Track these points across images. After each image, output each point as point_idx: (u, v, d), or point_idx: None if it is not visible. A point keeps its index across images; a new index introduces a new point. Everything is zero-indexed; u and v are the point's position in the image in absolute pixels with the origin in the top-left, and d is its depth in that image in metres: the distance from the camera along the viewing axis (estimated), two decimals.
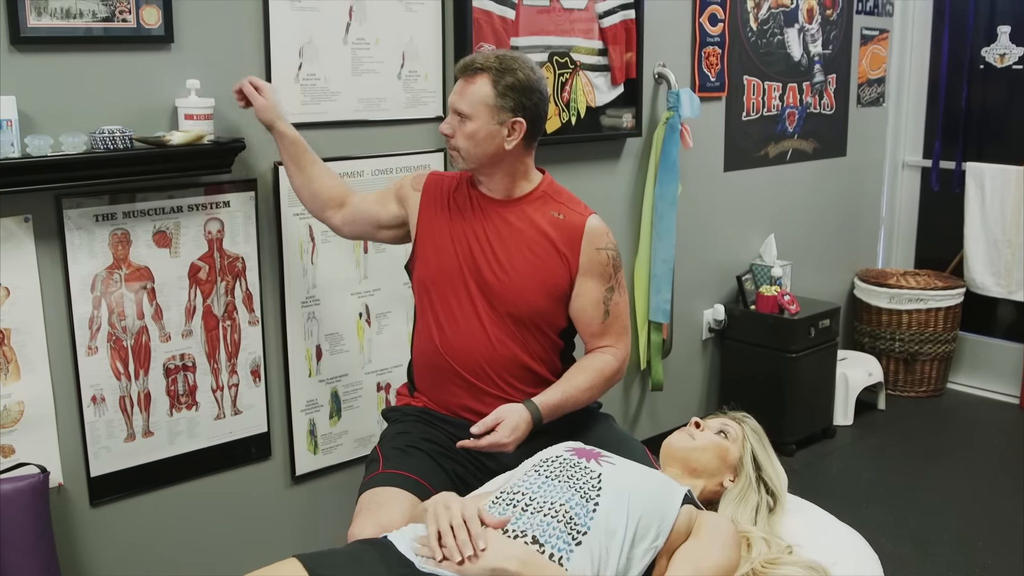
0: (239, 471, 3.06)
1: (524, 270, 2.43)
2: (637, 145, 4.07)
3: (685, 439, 2.16)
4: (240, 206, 2.91)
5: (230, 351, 2.96)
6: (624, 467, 1.98)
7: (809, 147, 4.95)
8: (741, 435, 2.21)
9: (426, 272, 2.49)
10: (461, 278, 2.45)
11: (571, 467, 1.94)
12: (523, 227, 2.45)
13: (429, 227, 2.51)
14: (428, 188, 2.56)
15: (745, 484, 2.14)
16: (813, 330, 4.46)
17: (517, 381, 2.47)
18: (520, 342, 2.45)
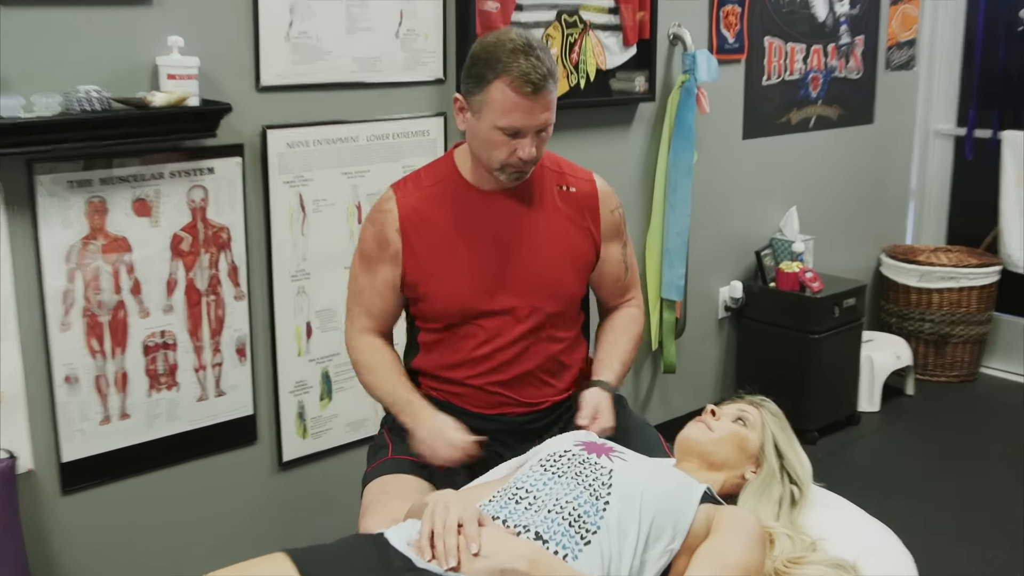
0: (222, 456, 3.06)
1: (556, 260, 2.39)
2: (650, 111, 4.05)
3: (702, 431, 2.15)
4: (225, 173, 2.90)
5: (214, 328, 2.96)
6: (637, 463, 1.97)
7: (834, 114, 4.93)
8: (760, 421, 2.19)
9: (446, 305, 2.38)
10: (489, 296, 2.37)
11: (580, 463, 1.93)
12: (539, 214, 2.40)
13: (432, 260, 2.36)
14: (406, 221, 2.36)
15: (767, 475, 2.13)
16: (837, 309, 4.46)
17: (551, 378, 2.47)
18: (554, 338, 2.45)
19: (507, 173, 2.28)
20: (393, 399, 2.39)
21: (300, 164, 3.05)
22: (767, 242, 4.69)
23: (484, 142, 2.25)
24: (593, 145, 3.88)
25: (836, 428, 4.61)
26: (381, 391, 2.42)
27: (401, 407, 2.37)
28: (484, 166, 2.29)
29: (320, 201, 3.08)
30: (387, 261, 2.38)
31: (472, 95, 2.23)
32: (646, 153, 4.09)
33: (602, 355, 2.50)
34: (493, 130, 2.21)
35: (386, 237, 2.37)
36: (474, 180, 2.37)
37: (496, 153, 2.25)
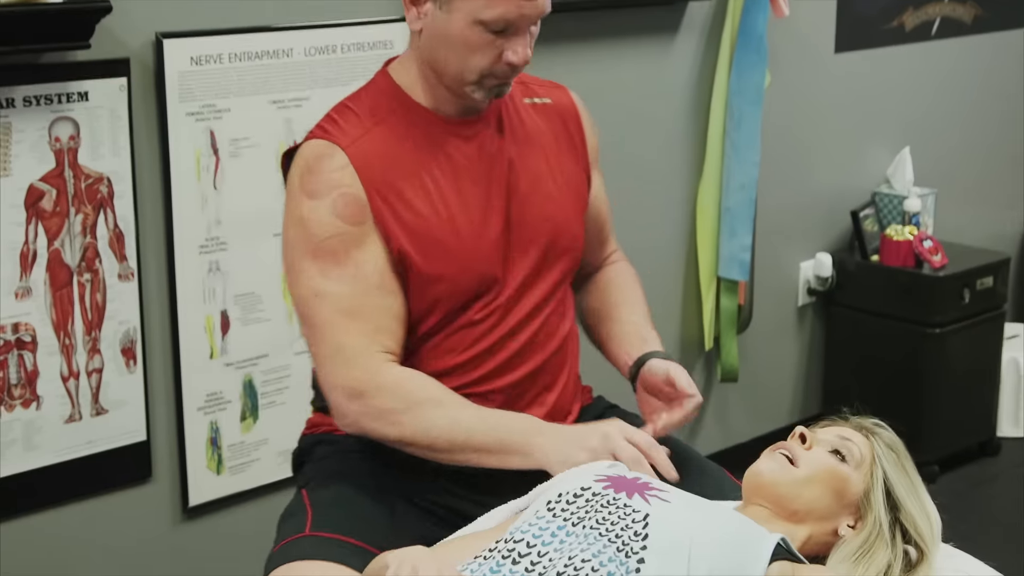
0: (103, 500, 3.08)
1: (560, 198, 2.45)
2: (704, 13, 4.07)
3: (781, 466, 2.13)
4: (104, 100, 2.91)
5: (90, 320, 2.98)
6: (682, 505, 1.97)
7: (968, 14, 4.94)
8: (869, 456, 2.18)
9: (462, 280, 2.36)
10: (503, 259, 2.39)
11: (604, 506, 1.93)
12: (523, 138, 2.44)
13: (423, 221, 2.34)
14: (370, 174, 2.30)
15: (872, 533, 2.11)
16: (968, 293, 4.49)
17: (566, 369, 2.52)
18: (565, 308, 2.51)
19: (486, 87, 2.27)
20: (499, 431, 2.25)
21: (210, 89, 3.06)
22: (868, 198, 4.72)
23: (457, 45, 2.23)
24: (622, 63, 3.90)
25: (966, 460, 4.64)
26: (478, 430, 2.25)
27: (522, 428, 2.27)
28: (453, 80, 2.28)
29: (239, 141, 3.10)
30: (372, 235, 2.29)
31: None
32: (697, 75, 4.11)
33: (626, 319, 2.56)
34: (472, 26, 2.20)
35: (359, 200, 2.28)
36: (431, 104, 2.35)
37: (475, 59, 2.23)
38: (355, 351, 2.25)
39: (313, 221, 2.26)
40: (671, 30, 4.01)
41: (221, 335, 3.18)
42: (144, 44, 2.96)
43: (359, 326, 2.26)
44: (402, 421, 2.24)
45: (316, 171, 2.28)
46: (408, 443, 2.26)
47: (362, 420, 2.26)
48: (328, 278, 2.26)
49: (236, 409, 3.24)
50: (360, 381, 2.24)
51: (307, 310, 2.29)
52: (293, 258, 2.30)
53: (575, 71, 3.75)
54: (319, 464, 2.43)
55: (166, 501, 3.19)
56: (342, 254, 2.25)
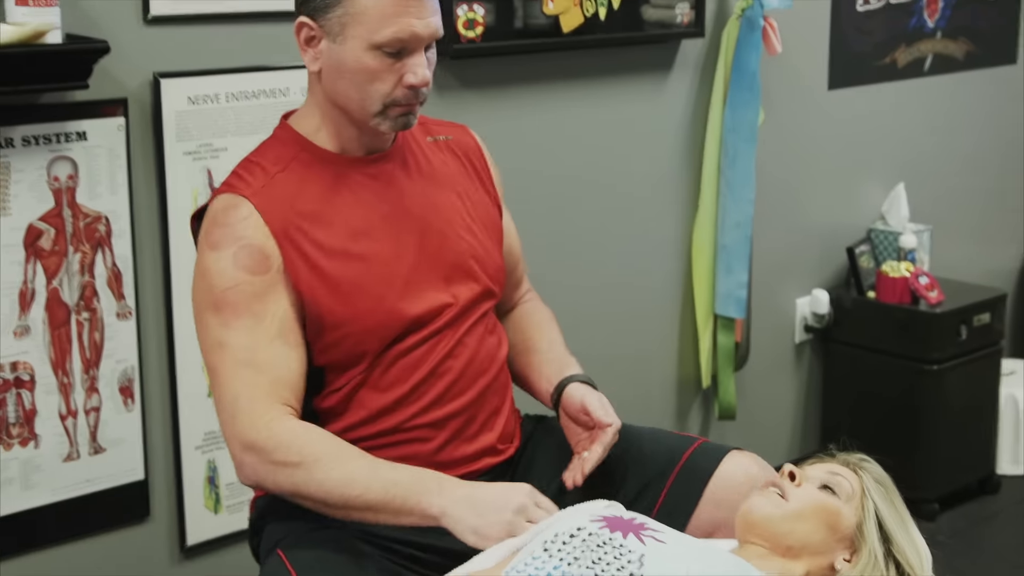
0: (100, 539, 3.09)
1: (473, 229, 2.49)
2: (698, 51, 4.11)
3: (773, 503, 2.15)
4: (102, 139, 2.94)
5: (88, 359, 3.00)
6: (679, 548, 1.98)
7: (960, 51, 4.98)
8: (859, 490, 2.21)
9: (374, 325, 2.35)
10: (416, 295, 2.39)
11: (599, 545, 1.94)
12: (430, 175, 2.47)
13: (332, 268, 2.32)
14: (277, 223, 2.30)
15: (869, 565, 2.12)
16: (964, 329, 4.51)
17: (504, 399, 2.54)
18: (495, 333, 2.55)
19: (392, 117, 2.30)
20: (396, 488, 2.18)
21: (207, 128, 3.10)
22: (864, 235, 4.75)
23: (356, 74, 2.26)
24: (615, 101, 3.94)
25: (965, 498, 4.64)
26: (373, 487, 2.18)
27: (419, 488, 2.18)
28: (358, 112, 2.30)
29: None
30: (277, 286, 2.28)
31: (327, 11, 2.25)
32: (692, 111, 4.14)
33: (545, 349, 2.60)
34: (367, 52, 2.24)
35: (262, 251, 2.28)
36: (336, 147, 2.38)
37: (376, 87, 2.26)
38: (251, 403, 2.23)
39: (214, 272, 2.27)
40: (665, 68, 4.05)
41: None
42: (142, 84, 3.00)
43: (257, 378, 2.24)
44: (296, 475, 2.20)
45: (221, 223, 2.30)
46: (303, 496, 2.22)
47: (258, 472, 2.24)
48: (229, 328, 2.26)
49: None
50: (258, 434, 2.22)
51: (210, 360, 2.29)
52: (197, 310, 2.31)
53: (570, 109, 3.79)
54: (289, 522, 2.37)
55: (164, 540, 3.20)
56: (242, 305, 2.25)
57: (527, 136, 3.64)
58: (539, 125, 3.67)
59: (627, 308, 4.05)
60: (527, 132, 3.62)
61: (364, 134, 2.37)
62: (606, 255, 3.96)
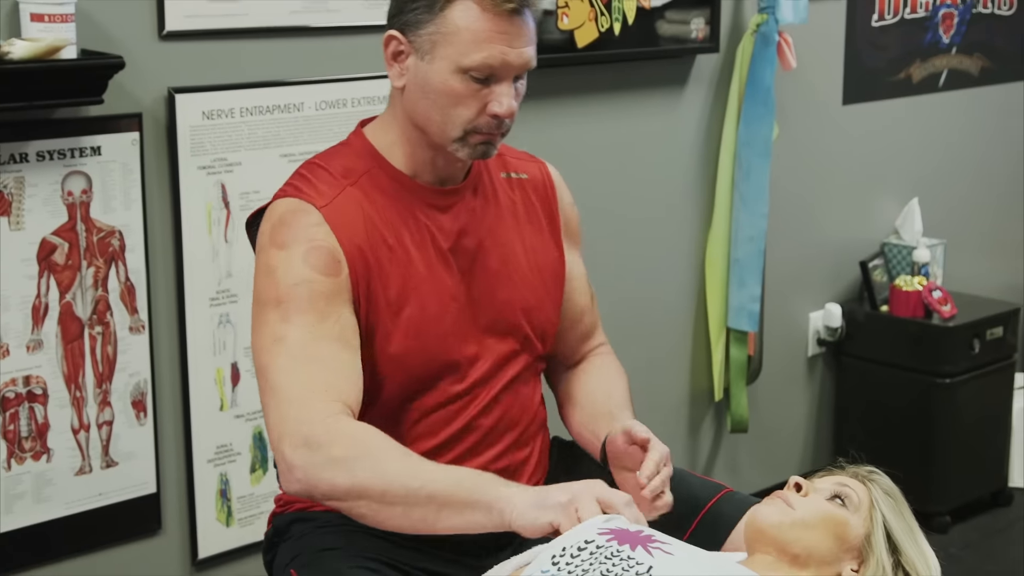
0: (112, 552, 3.09)
1: (530, 280, 2.42)
2: (712, 66, 4.10)
3: (780, 511, 2.16)
4: (116, 154, 2.94)
5: (101, 372, 3.00)
6: (686, 557, 1.97)
7: (975, 67, 4.96)
8: (867, 501, 2.21)
9: (421, 359, 2.29)
10: (462, 340, 2.33)
11: (608, 558, 1.94)
12: (497, 215, 2.40)
13: (392, 291, 2.27)
14: (346, 235, 2.23)
15: (876, 575, 2.15)
16: (978, 343, 4.50)
17: (531, 447, 2.48)
18: (534, 383, 2.49)
19: (471, 144, 2.22)
20: (463, 480, 2.08)
21: (222, 142, 3.09)
22: (877, 249, 4.73)
23: (440, 96, 2.19)
24: (629, 116, 3.93)
25: (978, 510, 4.63)
26: (438, 478, 2.07)
27: (485, 479, 2.08)
28: (437, 135, 2.23)
29: (250, 194, 3.12)
30: (344, 293, 2.21)
31: (418, 28, 2.18)
32: (706, 126, 4.13)
33: (600, 403, 2.46)
34: (455, 75, 2.17)
35: (333, 255, 2.20)
36: (409, 169, 2.31)
37: (459, 111, 2.19)
38: (310, 398, 2.12)
39: (282, 269, 2.18)
40: (680, 83, 4.04)
41: (231, 387, 3.19)
42: (156, 99, 2.99)
43: (316, 375, 2.14)
44: (356, 468, 2.06)
45: (289, 224, 2.22)
46: (360, 493, 2.06)
47: (312, 471, 2.08)
48: (289, 323, 2.15)
49: (246, 461, 3.25)
50: (313, 428, 2.09)
51: (265, 358, 2.17)
52: (257, 310, 2.22)
53: (586, 124, 3.79)
54: (300, 542, 2.33)
55: (176, 553, 3.20)
56: (307, 302, 2.16)
57: (542, 151, 3.56)
58: (554, 140, 3.65)
59: (640, 321, 4.04)
60: (542, 147, 3.57)
61: (439, 159, 2.29)
62: (620, 268, 3.94)
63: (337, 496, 2.10)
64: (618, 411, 2.42)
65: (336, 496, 2.10)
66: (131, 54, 2.87)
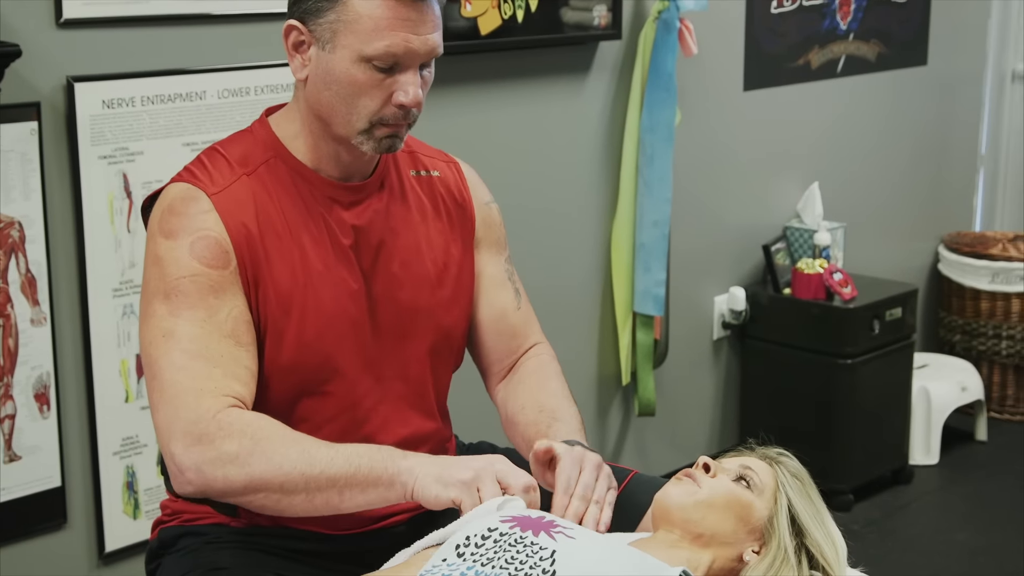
0: (18, 547, 3.04)
1: (436, 284, 2.35)
2: (615, 52, 4.09)
3: (686, 491, 2.17)
4: (15, 144, 2.89)
5: (2, 366, 2.95)
6: (588, 543, 1.98)
7: (872, 52, 5.00)
8: (773, 484, 2.22)
9: (310, 353, 2.22)
10: (356, 344, 2.27)
11: (511, 545, 1.94)
12: (404, 214, 2.33)
13: (284, 282, 2.20)
14: (234, 226, 2.16)
15: (777, 558, 2.14)
16: (877, 324, 4.53)
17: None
18: (440, 393, 2.44)
19: (376, 137, 2.17)
20: (360, 459, 2.03)
21: (123, 132, 3.05)
22: (779, 233, 4.76)
23: (343, 86, 2.13)
24: (534, 102, 3.92)
25: (879, 488, 4.67)
26: (336, 461, 2.03)
27: (383, 455, 2.04)
28: (341, 127, 2.17)
29: (152, 184, 3.06)
30: (233, 285, 2.15)
31: (318, 16, 2.12)
32: (609, 113, 4.13)
33: (533, 424, 2.35)
34: (357, 64, 2.11)
35: (221, 246, 2.14)
36: (311, 161, 2.25)
37: (363, 102, 2.14)
38: (198, 394, 2.06)
39: (169, 260, 2.12)
40: (583, 70, 4.03)
41: (136, 378, 3.15)
42: (55, 88, 2.94)
43: (206, 370, 2.08)
44: (250, 462, 2.01)
45: (178, 212, 2.15)
46: (258, 487, 2.03)
47: (205, 469, 2.03)
48: (178, 318, 2.09)
49: (152, 453, 3.20)
50: (202, 424, 2.03)
51: (153, 352, 2.11)
52: (146, 300, 2.15)
53: (489, 111, 3.78)
54: (188, 558, 2.24)
55: (82, 547, 3.15)
56: (195, 296, 2.10)
57: (445, 139, 3.57)
58: (458, 127, 3.64)
59: (547, 306, 3.99)
60: (445, 135, 3.57)
61: (343, 153, 2.22)
62: (526, 254, 3.90)
63: (235, 492, 2.06)
64: (549, 425, 2.34)
65: (234, 492, 2.06)
66: (28, 42, 2.83)
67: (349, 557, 2.24)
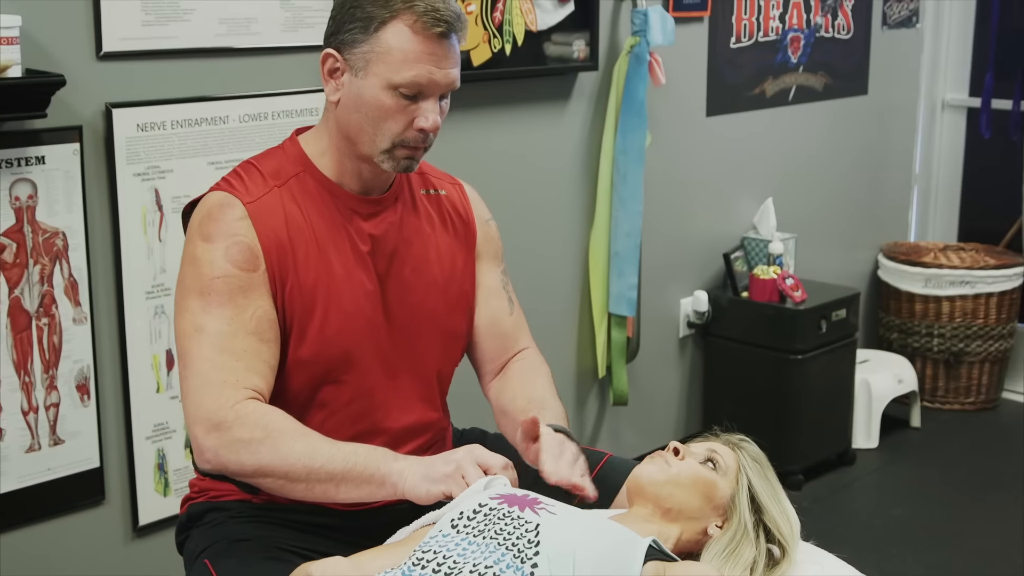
0: (61, 521, 3.04)
1: (444, 294, 2.37)
2: (592, 82, 4.09)
3: (658, 469, 2.18)
4: (59, 163, 2.89)
5: (48, 360, 2.94)
6: (569, 517, 1.99)
7: (819, 83, 5.00)
8: (735, 467, 2.22)
9: (333, 348, 2.23)
10: (373, 343, 2.27)
11: (500, 519, 1.95)
12: (417, 227, 2.35)
13: (308, 284, 2.21)
14: (266, 232, 2.18)
15: (738, 532, 2.15)
16: (824, 324, 4.53)
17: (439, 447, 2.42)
18: (442, 386, 2.44)
19: (396, 157, 2.18)
20: (357, 457, 2.07)
21: (155, 152, 3.05)
22: (738, 243, 4.76)
23: (371, 109, 2.15)
24: (520, 126, 3.92)
25: (825, 469, 4.67)
26: (336, 458, 2.06)
27: (378, 455, 2.08)
28: (366, 145, 2.18)
29: (181, 198, 3.06)
30: (261, 286, 2.16)
31: (354, 46, 2.14)
32: (587, 135, 4.13)
33: (523, 411, 2.33)
34: (386, 91, 2.13)
35: (252, 251, 2.16)
36: (336, 176, 2.26)
37: (388, 124, 2.15)
38: (221, 385, 2.09)
39: (205, 262, 2.14)
40: (564, 98, 4.03)
41: (166, 371, 3.15)
42: (95, 113, 2.94)
43: (230, 363, 2.11)
44: (260, 450, 2.05)
45: (215, 218, 2.17)
46: (266, 472, 2.07)
47: (221, 452, 2.07)
48: (209, 315, 2.12)
49: (180, 437, 3.20)
50: (221, 412, 2.07)
51: (185, 344, 2.14)
52: (181, 295, 2.18)
53: (481, 134, 3.78)
54: (214, 530, 2.27)
55: (118, 521, 3.15)
56: (226, 295, 2.12)
57: (444, 159, 3.55)
58: (454, 147, 3.63)
59: (531, 308, 3.97)
60: (443, 156, 3.57)
61: (365, 169, 2.23)
62: (513, 261, 3.87)
63: (246, 474, 2.11)
64: (537, 413, 2.32)
65: (245, 474, 2.11)
66: (72, 73, 2.83)
67: (357, 531, 2.24)
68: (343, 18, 2.16)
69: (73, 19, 2.87)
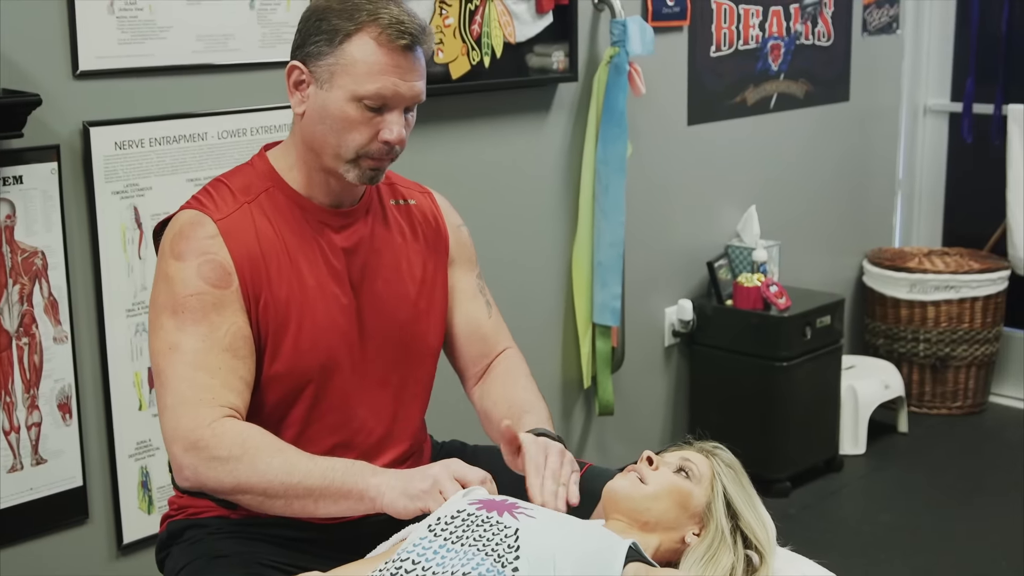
0: (45, 541, 3.03)
1: (416, 302, 2.37)
2: (572, 93, 4.10)
3: (632, 484, 2.18)
4: (37, 182, 2.88)
5: (28, 379, 2.94)
6: (548, 521, 1.99)
7: (800, 90, 5.02)
8: (709, 473, 2.22)
9: (311, 359, 2.23)
10: (349, 353, 2.28)
11: (479, 524, 1.95)
12: (387, 238, 2.35)
13: (281, 299, 2.21)
14: (237, 249, 2.18)
15: (716, 539, 2.15)
16: (809, 330, 4.54)
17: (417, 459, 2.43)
18: (419, 396, 2.44)
19: (362, 168, 2.19)
20: (335, 472, 2.06)
21: (133, 169, 3.05)
22: (721, 251, 4.76)
23: (336, 121, 2.15)
24: (501, 138, 3.92)
25: (813, 476, 4.68)
26: (314, 473, 2.06)
27: (355, 470, 2.08)
28: (331, 157, 2.18)
29: (160, 215, 3.01)
30: (234, 303, 2.16)
31: (319, 59, 2.15)
32: (568, 146, 4.13)
33: (505, 416, 2.33)
34: (350, 103, 2.14)
35: (224, 268, 2.16)
36: (305, 190, 2.26)
37: (352, 136, 2.16)
38: (198, 404, 2.09)
39: (177, 280, 2.15)
40: (544, 109, 4.04)
41: (148, 389, 3.14)
42: (72, 132, 2.94)
43: (206, 381, 2.11)
44: (238, 468, 2.05)
45: (187, 236, 2.18)
46: (244, 489, 2.07)
47: (200, 470, 2.07)
48: (183, 333, 2.12)
49: (163, 455, 3.17)
50: (199, 431, 2.07)
51: (161, 362, 2.14)
52: (155, 314, 2.18)
53: (462, 146, 3.79)
54: (194, 547, 2.27)
55: (102, 540, 3.14)
56: (200, 313, 2.13)
57: (423, 172, 3.57)
58: (435, 160, 3.65)
59: (516, 319, 3.98)
60: (423, 168, 3.59)
61: (333, 181, 2.24)
62: (497, 273, 3.91)
63: (224, 491, 2.11)
64: (519, 417, 2.35)
65: (223, 491, 2.11)
66: (48, 92, 2.83)
67: (337, 545, 2.23)
68: (309, 31, 2.17)
69: (49, 38, 2.87)
